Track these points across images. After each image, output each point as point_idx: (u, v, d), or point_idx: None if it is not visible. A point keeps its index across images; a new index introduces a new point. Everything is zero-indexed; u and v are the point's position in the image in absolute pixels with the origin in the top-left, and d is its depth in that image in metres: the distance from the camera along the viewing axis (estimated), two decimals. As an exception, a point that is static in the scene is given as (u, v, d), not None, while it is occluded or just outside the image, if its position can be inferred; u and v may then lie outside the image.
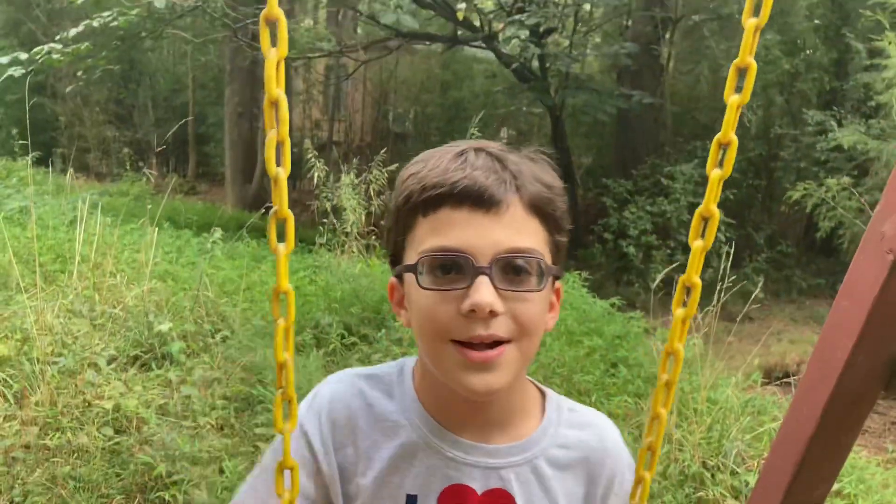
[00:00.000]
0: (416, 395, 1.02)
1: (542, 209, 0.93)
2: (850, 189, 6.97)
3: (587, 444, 1.05)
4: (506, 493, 1.00)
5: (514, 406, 1.02)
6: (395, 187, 0.99)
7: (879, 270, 1.53)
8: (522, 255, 0.90)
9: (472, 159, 0.93)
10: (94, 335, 4.27)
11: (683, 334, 0.90)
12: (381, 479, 0.99)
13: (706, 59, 11.86)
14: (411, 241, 0.94)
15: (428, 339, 0.92)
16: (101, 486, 3.12)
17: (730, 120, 0.85)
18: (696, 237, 0.86)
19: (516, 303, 0.89)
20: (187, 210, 10.80)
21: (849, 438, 1.72)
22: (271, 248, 0.79)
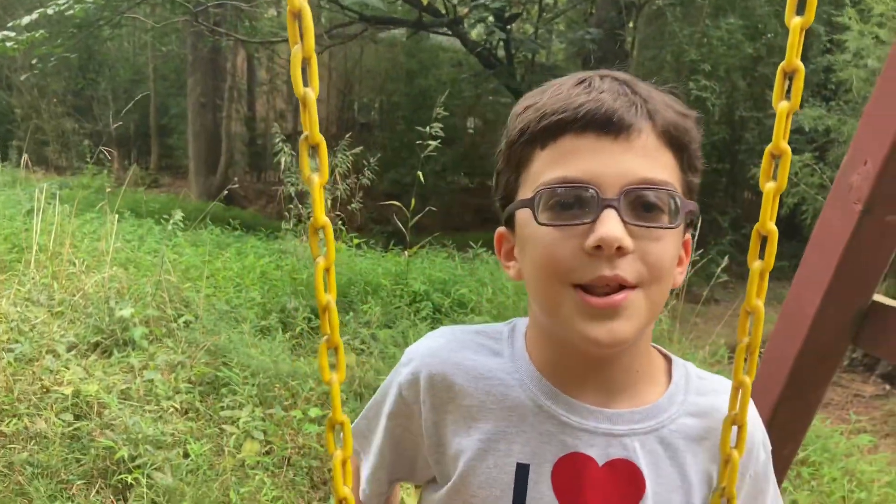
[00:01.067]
0: (528, 354, 0.91)
1: (678, 139, 0.82)
2: (811, 166, 7.07)
3: (720, 411, 0.89)
4: (631, 465, 0.86)
5: (638, 368, 0.90)
6: (508, 123, 0.88)
7: (847, 221, 1.53)
8: (655, 188, 0.79)
9: (597, 84, 0.83)
10: (52, 323, 4.16)
11: (763, 290, 0.82)
12: (486, 444, 0.88)
13: (670, 44, 11.92)
14: (526, 178, 0.84)
15: (544, 283, 0.81)
16: (60, 472, 3.04)
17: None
18: (768, 179, 0.79)
19: (646, 241, 0.78)
20: (150, 201, 10.62)
21: (817, 395, 1.72)
22: (304, 177, 0.72)
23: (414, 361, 0.94)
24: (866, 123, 1.45)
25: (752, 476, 0.92)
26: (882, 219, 1.47)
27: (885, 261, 1.53)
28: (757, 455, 0.93)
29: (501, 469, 0.87)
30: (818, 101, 9.50)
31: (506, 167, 0.87)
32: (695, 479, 0.88)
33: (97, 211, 6.56)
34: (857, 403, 5.53)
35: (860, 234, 1.49)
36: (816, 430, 4.12)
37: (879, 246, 1.51)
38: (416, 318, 4.91)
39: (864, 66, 6.15)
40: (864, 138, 1.44)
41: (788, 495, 3.49)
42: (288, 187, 6.29)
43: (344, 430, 0.77)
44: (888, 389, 5.79)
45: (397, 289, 5.26)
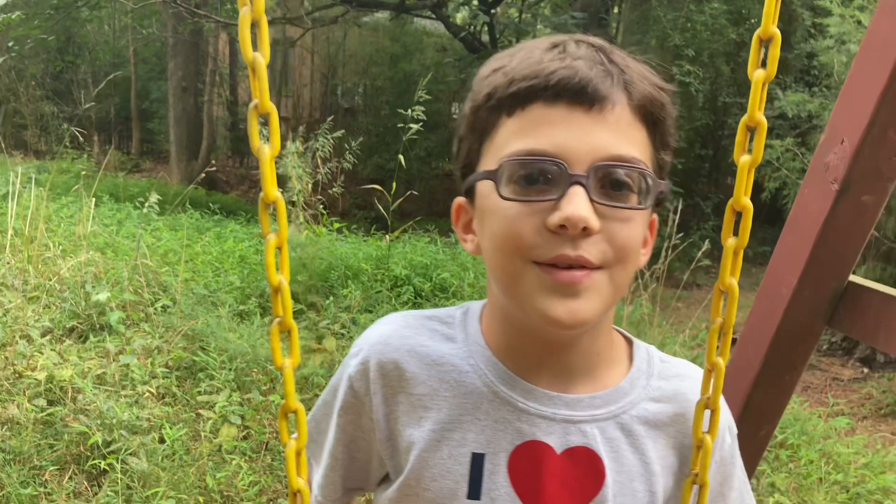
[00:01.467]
0: (483, 338, 0.87)
1: (653, 114, 0.77)
2: (793, 150, 7.08)
3: (685, 396, 0.87)
4: (591, 453, 0.82)
5: (599, 351, 0.85)
6: (473, 85, 0.82)
7: (824, 201, 1.52)
8: (627, 165, 0.74)
9: (572, 49, 0.77)
10: (26, 307, 4.10)
11: (737, 268, 0.79)
12: (439, 434, 0.83)
13: (654, 29, 11.91)
14: (490, 147, 0.78)
15: (504, 259, 0.76)
16: (32, 458, 3.00)
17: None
18: (743, 151, 0.75)
19: (614, 222, 0.73)
20: (130, 185, 10.50)
21: (792, 376, 1.71)
22: (253, 149, 0.67)
23: (363, 351, 0.89)
24: (843, 103, 1.43)
25: (718, 461, 0.89)
26: (858, 199, 1.46)
27: (861, 241, 1.52)
28: (723, 439, 0.90)
29: (456, 459, 0.83)
30: (801, 86, 9.53)
31: (469, 133, 0.82)
32: (656, 466, 0.85)
33: (74, 195, 6.46)
34: (835, 387, 5.57)
35: (836, 214, 1.48)
36: (795, 412, 4.15)
37: (856, 226, 1.50)
38: (396, 302, 4.89)
39: (845, 50, 6.15)
40: (841, 118, 1.43)
41: (766, 478, 3.51)
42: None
43: (298, 419, 0.73)
44: (866, 373, 5.84)
45: (378, 273, 5.23)
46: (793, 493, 3.47)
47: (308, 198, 6.18)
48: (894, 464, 3.83)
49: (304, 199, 6.08)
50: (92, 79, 17.96)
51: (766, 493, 3.42)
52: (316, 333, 4.48)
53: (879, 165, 1.44)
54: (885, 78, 1.37)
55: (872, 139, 1.41)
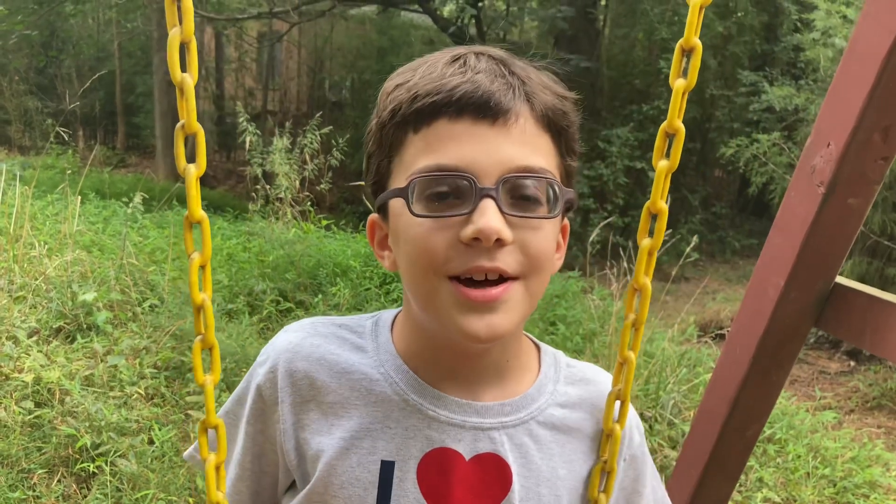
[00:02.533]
0: (395, 347, 0.87)
1: (556, 123, 0.79)
2: (780, 145, 7.12)
3: (590, 402, 0.90)
4: (499, 459, 0.84)
5: (509, 358, 0.87)
6: (378, 101, 0.83)
7: (811, 204, 1.52)
8: (534, 176, 0.75)
9: (472, 62, 0.78)
10: (12, 308, 4.07)
11: (650, 267, 0.82)
12: (349, 442, 0.83)
13: (641, 23, 11.92)
14: (399, 163, 0.79)
15: (419, 275, 0.77)
16: (20, 461, 2.98)
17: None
18: (661, 157, 0.78)
19: (526, 231, 0.75)
20: (116, 181, 10.43)
21: (780, 376, 1.72)
22: (179, 168, 0.68)
23: (271, 359, 0.88)
24: (829, 105, 1.44)
25: (628, 459, 0.92)
26: (844, 201, 1.47)
27: (847, 243, 1.53)
28: (631, 437, 0.92)
29: (365, 467, 0.83)
30: (788, 79, 9.57)
31: (377, 150, 0.83)
32: (562, 470, 0.87)
33: (59, 192, 6.41)
34: (822, 380, 5.62)
35: (823, 216, 1.49)
36: (782, 407, 4.18)
37: (842, 228, 1.51)
38: (385, 300, 4.88)
39: (831, 45, 6.18)
40: (827, 120, 1.43)
41: (754, 473, 3.54)
42: (255, 168, 6.20)
43: (218, 434, 0.74)
44: (853, 366, 5.89)
45: (367, 270, 5.22)
46: (781, 487, 3.50)
47: (296, 194, 6.17)
48: (880, 457, 3.87)
49: (291, 196, 6.07)
50: (76, 73, 17.83)
51: (754, 488, 3.45)
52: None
53: (865, 169, 1.45)
54: (870, 82, 1.37)
55: (858, 143, 1.42)
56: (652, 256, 0.81)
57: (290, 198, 6.14)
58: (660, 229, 0.79)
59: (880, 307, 1.41)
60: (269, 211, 6.22)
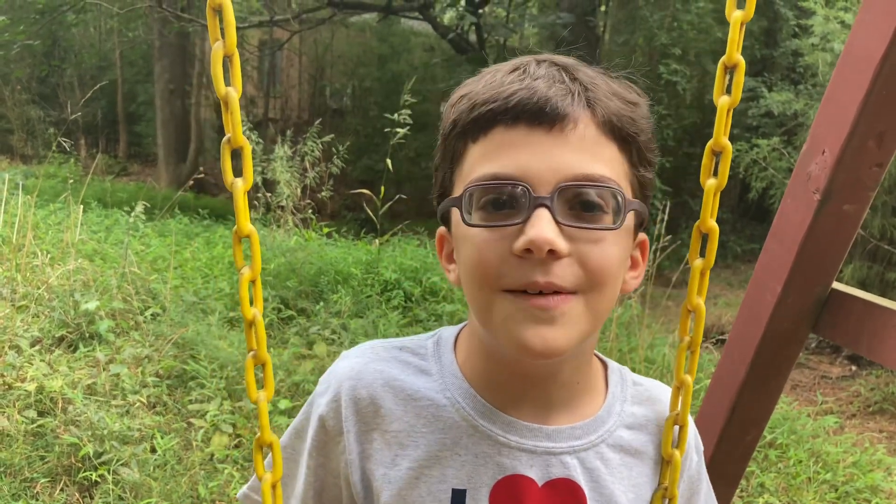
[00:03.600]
0: (460, 369, 0.84)
1: (622, 130, 0.75)
2: (780, 150, 7.13)
3: (655, 423, 0.87)
4: (573, 484, 0.81)
5: (579, 380, 0.84)
6: (444, 113, 0.81)
7: (806, 210, 1.53)
8: (594, 185, 0.72)
9: (532, 70, 0.76)
10: (15, 317, 4.08)
11: (703, 288, 0.79)
12: (418, 471, 0.80)
13: (641, 29, 11.95)
14: (459, 174, 0.77)
15: (475, 289, 0.75)
16: (23, 470, 2.99)
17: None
18: (708, 175, 0.76)
19: (585, 244, 0.71)
20: (117, 190, 10.46)
21: (778, 382, 1.73)
22: (226, 182, 0.67)
23: (333, 386, 0.86)
24: (823, 113, 1.45)
25: (686, 480, 0.90)
26: (840, 208, 1.48)
27: (843, 249, 1.54)
28: (690, 458, 0.91)
29: (435, 497, 0.80)
30: (787, 83, 9.59)
31: (442, 162, 0.82)
32: (631, 494, 0.85)
33: (62, 201, 6.43)
34: (823, 385, 5.61)
35: (819, 223, 1.50)
36: (784, 412, 4.18)
37: (837, 235, 1.52)
38: (386, 307, 4.89)
39: (829, 49, 6.20)
40: (822, 128, 1.45)
41: (756, 478, 3.53)
42: (256, 176, 6.22)
43: (273, 451, 0.73)
44: (854, 370, 5.89)
45: (368, 277, 5.23)
46: (782, 493, 3.50)
47: (297, 202, 6.19)
48: (882, 462, 3.87)
49: (293, 204, 6.08)
50: (78, 82, 17.89)
51: (755, 493, 3.45)
52: (306, 339, 4.49)
53: (860, 175, 1.46)
54: (864, 89, 1.38)
55: (852, 150, 1.43)
56: (705, 276, 0.78)
57: (292, 205, 6.16)
58: (711, 249, 0.76)
59: (877, 313, 1.42)
60: (271, 219, 6.24)
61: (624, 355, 4.35)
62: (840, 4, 5.95)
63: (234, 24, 0.64)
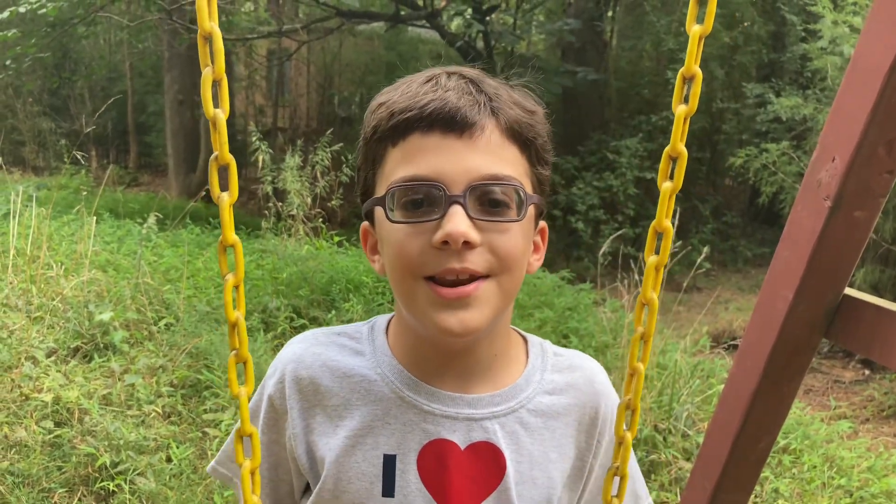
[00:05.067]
0: (391, 349, 0.95)
1: (522, 135, 0.86)
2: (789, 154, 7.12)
3: (577, 387, 0.98)
4: (492, 446, 0.91)
5: (497, 352, 0.94)
6: (364, 120, 0.91)
7: (817, 218, 1.55)
8: (500, 183, 0.82)
9: (444, 82, 0.86)
10: (31, 328, 4.12)
11: (657, 283, 0.85)
12: (353, 440, 0.90)
13: (648, 34, 11.96)
14: (381, 175, 0.87)
15: (399, 277, 0.85)
16: (41, 481, 3.02)
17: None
18: (665, 179, 0.81)
19: (494, 234, 0.82)
20: (129, 201, 10.53)
21: (791, 388, 1.74)
22: (213, 196, 0.73)
23: (279, 370, 0.96)
24: (833, 120, 1.46)
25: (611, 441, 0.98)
26: (851, 214, 1.49)
27: (855, 255, 1.55)
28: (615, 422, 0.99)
29: (370, 462, 0.90)
30: (795, 88, 9.57)
31: (364, 164, 0.91)
32: (553, 454, 0.94)
33: (75, 213, 6.49)
34: (836, 389, 5.59)
35: (830, 230, 1.51)
36: (797, 417, 4.17)
37: (849, 241, 1.53)
38: (398, 314, 4.91)
39: (839, 53, 6.19)
40: (832, 135, 1.46)
41: (770, 483, 3.53)
42: (266, 185, 6.25)
43: (252, 442, 0.79)
44: (867, 375, 5.87)
45: (379, 286, 5.25)
46: (796, 498, 3.49)
47: (308, 211, 6.22)
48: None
49: (303, 213, 6.11)
50: (89, 94, 18.04)
51: (770, 499, 3.44)
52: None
53: (870, 183, 1.47)
54: (874, 97, 1.39)
55: (862, 157, 1.43)
56: (658, 272, 0.85)
57: (302, 215, 6.19)
58: (665, 247, 0.83)
59: (889, 318, 1.43)
60: (282, 228, 6.27)
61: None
62: (849, 8, 5.95)
63: (222, 51, 0.70)
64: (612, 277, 5.98)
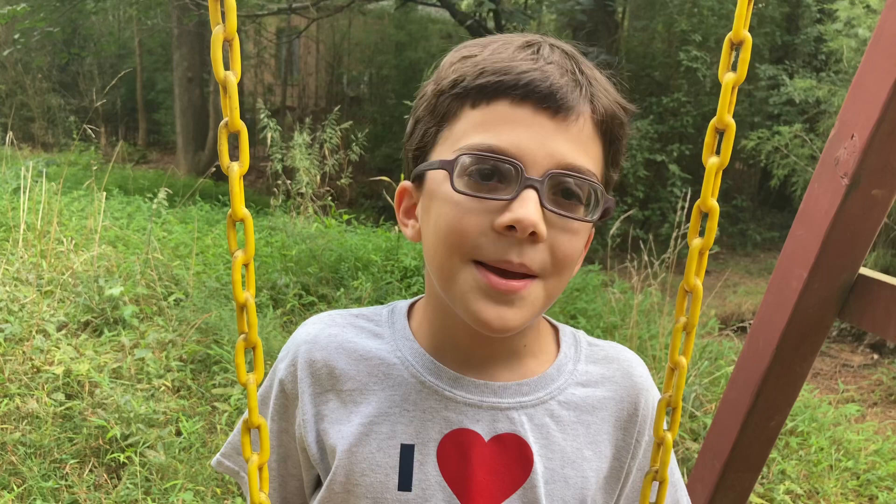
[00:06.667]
0: (412, 333, 0.87)
1: (612, 132, 0.78)
2: (801, 136, 7.06)
3: (613, 380, 0.89)
4: (518, 439, 0.83)
5: (526, 342, 0.86)
6: (440, 68, 0.80)
7: (834, 195, 1.53)
8: (582, 177, 0.74)
9: (546, 52, 0.76)
10: (41, 302, 4.15)
11: (702, 268, 0.77)
12: (367, 428, 0.82)
13: (661, 14, 11.85)
14: (449, 134, 0.77)
15: (444, 253, 0.76)
16: (53, 452, 3.04)
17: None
18: (711, 153, 0.74)
19: (560, 232, 0.74)
20: (138, 177, 10.55)
21: (803, 367, 1.73)
22: (223, 166, 0.67)
23: (291, 352, 0.89)
24: (853, 97, 1.44)
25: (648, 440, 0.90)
26: (868, 193, 1.47)
27: (871, 234, 1.54)
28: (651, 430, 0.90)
29: (385, 452, 0.82)
30: (808, 70, 9.48)
31: (427, 116, 0.80)
32: (588, 451, 0.85)
33: (85, 189, 6.51)
34: (845, 373, 5.58)
35: (846, 208, 1.50)
36: (805, 400, 4.17)
37: (866, 220, 1.51)
38: (407, 293, 4.92)
39: (854, 35, 6.12)
40: (851, 112, 1.44)
41: (777, 465, 3.53)
42: (276, 163, 6.25)
43: (261, 434, 0.73)
44: (876, 359, 5.85)
45: (388, 264, 5.25)
46: (803, 480, 3.50)
47: (316, 189, 6.22)
48: (904, 450, 3.85)
49: (312, 191, 6.11)
50: (98, 70, 18.01)
51: (776, 480, 3.45)
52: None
53: (889, 160, 1.45)
54: (895, 74, 1.37)
55: (882, 134, 1.42)
56: (703, 257, 0.77)
57: (311, 193, 6.19)
58: (711, 228, 0.75)
59: (906, 298, 1.42)
60: (291, 206, 6.27)
61: (644, 342, 4.35)
62: (865, -11, 5.88)
63: (234, 8, 0.64)
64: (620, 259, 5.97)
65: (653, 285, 4.76)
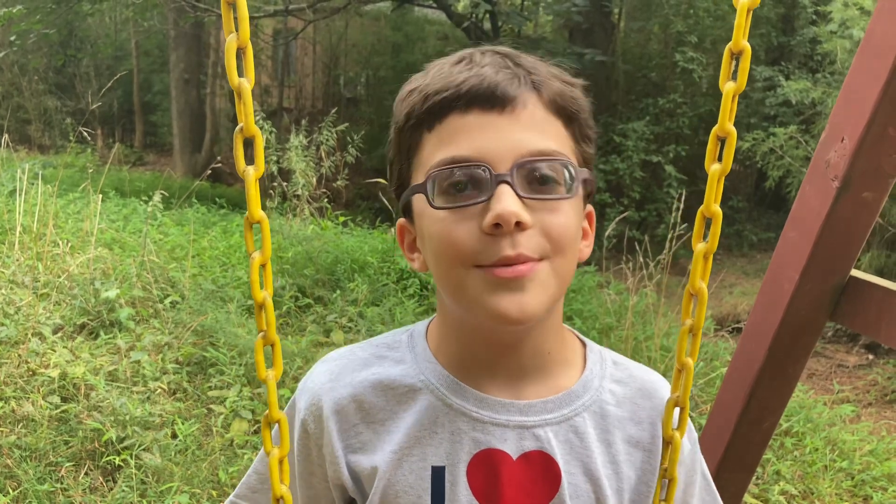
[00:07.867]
0: (433, 354, 0.88)
1: (566, 108, 0.80)
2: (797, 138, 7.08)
3: (633, 402, 0.89)
4: (546, 456, 0.84)
5: (549, 349, 0.86)
6: (395, 109, 0.85)
7: (825, 198, 1.54)
8: (548, 159, 0.76)
9: (478, 59, 0.80)
10: (37, 304, 4.14)
11: (706, 272, 0.79)
12: (399, 454, 0.84)
13: (657, 15, 11.87)
14: (418, 164, 0.81)
15: (446, 267, 0.78)
16: (48, 455, 3.04)
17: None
18: (713, 160, 0.76)
19: (545, 213, 0.76)
20: (134, 179, 10.54)
21: (795, 369, 1.74)
22: (238, 170, 0.69)
23: (313, 392, 0.90)
24: (843, 100, 1.45)
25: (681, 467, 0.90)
26: (859, 195, 1.48)
27: (862, 237, 1.54)
28: (682, 444, 0.89)
29: (418, 475, 0.84)
30: (804, 72, 9.50)
31: (397, 155, 0.85)
32: (608, 470, 0.86)
33: (81, 191, 6.50)
34: (840, 373, 5.60)
35: (837, 210, 1.50)
36: (800, 400, 4.18)
37: (856, 222, 1.52)
38: (403, 295, 4.92)
39: (848, 36, 6.14)
40: (841, 115, 1.45)
41: (771, 465, 3.54)
42: (271, 165, 6.25)
43: (280, 427, 0.75)
44: (871, 359, 5.87)
45: (384, 266, 5.26)
46: (798, 480, 3.51)
47: (313, 191, 6.22)
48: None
49: (308, 193, 6.11)
50: (94, 72, 17.99)
51: (771, 480, 3.46)
52: (324, 327, 4.53)
53: (880, 163, 1.46)
54: (885, 76, 1.38)
55: (872, 137, 1.43)
56: (707, 260, 0.79)
57: (307, 195, 6.19)
58: (714, 233, 0.78)
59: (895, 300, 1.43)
60: (287, 208, 6.28)
61: (640, 343, 4.36)
62: (859, -10, 5.90)
63: (247, 17, 0.66)
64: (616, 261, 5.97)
65: (648, 286, 4.77)
